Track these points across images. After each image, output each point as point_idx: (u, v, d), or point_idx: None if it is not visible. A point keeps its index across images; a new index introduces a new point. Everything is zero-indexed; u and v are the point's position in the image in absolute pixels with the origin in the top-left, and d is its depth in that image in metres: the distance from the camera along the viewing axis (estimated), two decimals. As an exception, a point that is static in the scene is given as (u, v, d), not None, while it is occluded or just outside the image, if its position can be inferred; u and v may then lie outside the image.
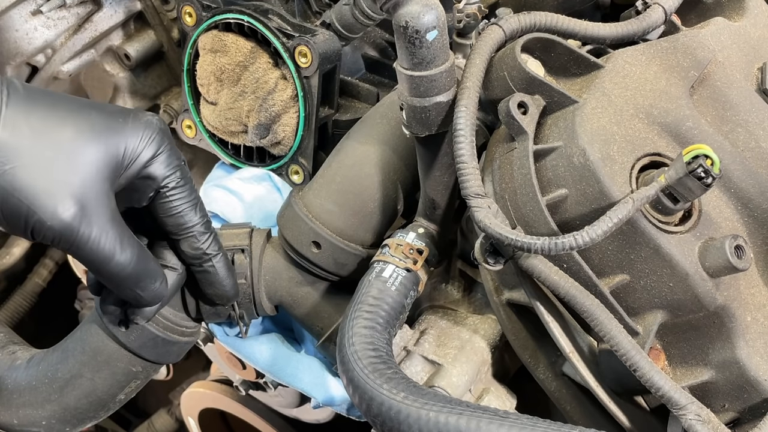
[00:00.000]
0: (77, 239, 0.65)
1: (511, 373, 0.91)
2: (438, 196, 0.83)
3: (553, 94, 0.76)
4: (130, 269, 0.68)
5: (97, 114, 0.68)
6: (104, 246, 0.66)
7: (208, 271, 0.77)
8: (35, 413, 0.81)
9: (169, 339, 0.82)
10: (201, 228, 0.74)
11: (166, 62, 1.21)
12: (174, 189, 0.71)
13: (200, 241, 0.74)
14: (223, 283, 0.78)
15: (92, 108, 0.69)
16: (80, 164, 0.65)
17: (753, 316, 0.75)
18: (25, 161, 0.63)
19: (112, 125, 0.67)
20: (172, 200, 0.71)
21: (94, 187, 0.65)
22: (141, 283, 0.70)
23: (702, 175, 0.67)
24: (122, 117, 0.69)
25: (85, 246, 0.65)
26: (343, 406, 0.94)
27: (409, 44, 0.72)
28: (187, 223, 0.73)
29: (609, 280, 0.73)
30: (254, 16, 0.95)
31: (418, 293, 0.81)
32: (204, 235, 0.74)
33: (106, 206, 0.66)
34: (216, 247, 0.76)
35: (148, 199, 0.71)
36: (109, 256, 0.67)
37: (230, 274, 0.79)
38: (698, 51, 0.81)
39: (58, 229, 0.64)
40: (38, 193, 0.63)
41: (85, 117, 0.67)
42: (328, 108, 1.00)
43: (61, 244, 0.65)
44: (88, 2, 1.13)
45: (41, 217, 0.63)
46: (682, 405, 0.66)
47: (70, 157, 0.65)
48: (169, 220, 0.72)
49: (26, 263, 1.68)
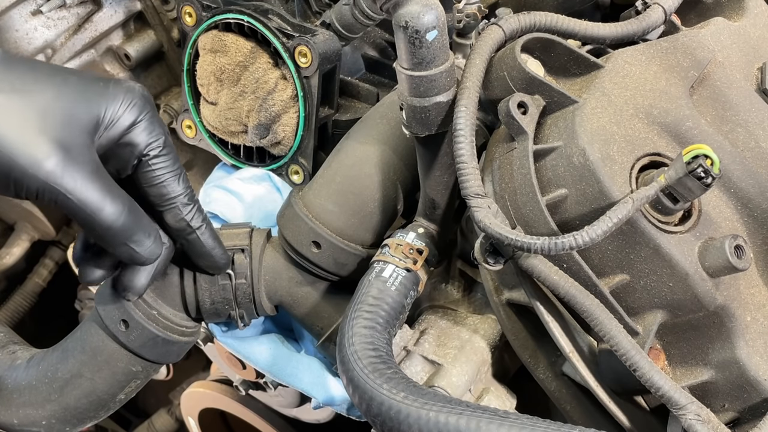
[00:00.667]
0: (62, 188, 0.64)
1: (511, 373, 0.91)
2: (438, 196, 0.83)
3: (553, 94, 0.76)
4: (122, 220, 0.68)
5: (77, 78, 0.69)
6: (91, 196, 0.65)
7: (194, 243, 0.76)
8: (35, 413, 0.81)
9: (169, 339, 0.82)
10: (184, 199, 0.73)
11: (166, 62, 1.21)
12: (156, 157, 0.70)
13: (183, 213, 0.74)
14: (212, 253, 0.78)
15: (73, 72, 0.70)
16: (60, 120, 0.65)
17: (753, 316, 0.75)
18: (5, 117, 0.64)
19: (93, 88, 0.68)
20: (154, 169, 0.71)
21: (75, 139, 0.65)
22: (135, 236, 0.69)
23: (702, 175, 0.67)
24: (103, 82, 0.69)
25: (70, 195, 0.65)
26: (343, 406, 0.94)
27: (409, 44, 0.72)
28: (170, 194, 0.72)
29: (609, 280, 0.73)
30: (254, 16, 0.95)
31: (418, 293, 0.81)
32: (187, 207, 0.74)
33: (88, 158, 0.66)
34: (200, 219, 0.75)
35: (131, 167, 0.71)
36: (97, 207, 0.66)
37: (218, 243, 0.79)
38: (698, 51, 0.81)
39: (42, 178, 0.64)
40: (19, 145, 0.63)
41: (65, 79, 0.68)
42: (328, 108, 1.00)
43: (45, 194, 0.65)
44: (88, 2, 1.13)
45: (23, 167, 0.63)
46: (681, 405, 0.66)
47: (51, 114, 0.65)
48: (151, 191, 0.72)
49: (26, 263, 1.67)
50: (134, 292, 0.75)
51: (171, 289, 0.84)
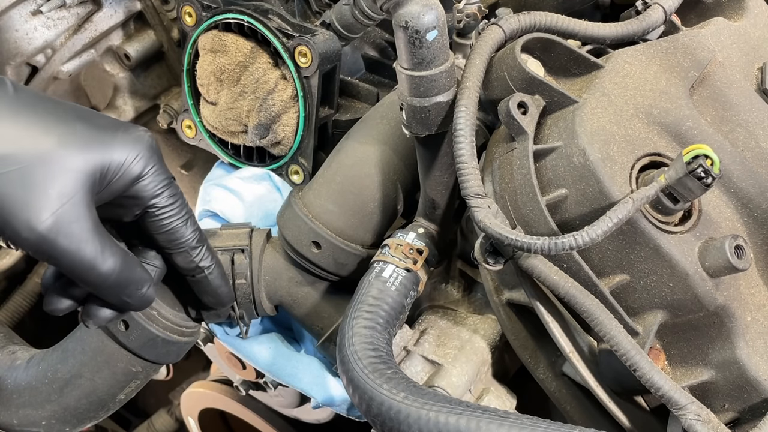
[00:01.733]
0: (53, 251, 0.63)
1: (511, 373, 0.91)
2: (438, 196, 0.83)
3: (553, 94, 0.76)
4: (114, 278, 0.67)
5: (85, 124, 0.67)
6: (84, 257, 0.65)
7: (202, 281, 0.77)
8: (35, 413, 0.81)
9: (169, 339, 0.82)
10: (193, 243, 0.73)
11: (166, 62, 1.21)
12: (164, 208, 0.70)
13: (192, 255, 0.73)
14: (218, 292, 0.79)
15: (81, 118, 0.67)
16: (60, 174, 0.64)
17: (753, 316, 0.75)
18: (4, 169, 0.62)
19: (99, 137, 0.66)
20: (162, 218, 0.70)
21: (73, 197, 0.64)
22: (127, 290, 0.69)
23: (702, 175, 0.67)
24: (111, 130, 0.67)
25: (62, 257, 0.64)
26: (343, 406, 0.94)
27: (409, 44, 0.72)
28: (179, 239, 0.72)
29: (609, 280, 0.73)
30: (254, 16, 0.95)
31: (418, 293, 0.81)
32: (196, 249, 0.73)
33: (85, 217, 0.64)
34: (209, 260, 0.75)
35: (134, 216, 0.70)
36: (89, 267, 0.65)
37: (224, 281, 0.79)
38: (698, 51, 0.81)
39: (34, 240, 0.63)
40: (14, 203, 0.62)
41: (71, 126, 0.66)
42: (328, 108, 0.99)
43: (37, 254, 0.64)
44: (88, 2, 1.13)
45: (16, 227, 0.62)
46: (682, 405, 0.66)
47: (51, 167, 0.63)
48: (160, 237, 0.72)
49: (26, 263, 1.67)
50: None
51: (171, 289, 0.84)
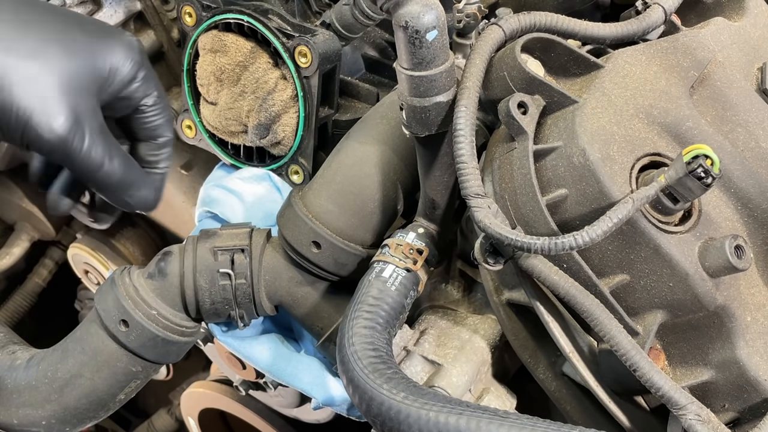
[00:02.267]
0: (71, 151, 0.69)
1: (511, 373, 0.91)
2: (438, 196, 0.83)
3: (553, 94, 0.76)
4: (119, 176, 0.73)
5: (83, 35, 0.73)
6: (95, 156, 0.71)
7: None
8: (35, 413, 0.81)
9: (168, 339, 0.82)
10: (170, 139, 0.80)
11: (166, 62, 1.21)
12: (152, 107, 0.77)
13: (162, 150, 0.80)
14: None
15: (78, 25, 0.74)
16: (71, 82, 0.70)
17: (753, 316, 0.75)
18: (25, 81, 0.68)
19: (98, 46, 0.73)
20: (149, 117, 0.77)
21: (84, 102, 0.70)
22: (130, 189, 0.75)
23: (702, 175, 0.67)
24: (106, 37, 0.74)
25: (77, 156, 0.70)
26: (343, 406, 0.94)
27: (409, 44, 0.72)
28: (159, 137, 0.79)
29: (609, 280, 0.73)
30: (254, 16, 0.94)
31: (418, 293, 0.81)
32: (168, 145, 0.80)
33: (95, 120, 0.71)
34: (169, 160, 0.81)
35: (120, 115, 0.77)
36: (98, 165, 0.71)
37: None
38: (698, 51, 0.81)
39: (55, 141, 0.69)
40: (35, 108, 0.68)
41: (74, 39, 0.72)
42: (328, 108, 0.99)
43: (54, 155, 0.70)
44: (88, 2, 1.13)
45: (38, 131, 0.68)
46: (682, 405, 0.66)
47: (63, 77, 0.70)
48: (142, 133, 0.78)
49: (26, 263, 1.67)
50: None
51: (171, 289, 0.84)
